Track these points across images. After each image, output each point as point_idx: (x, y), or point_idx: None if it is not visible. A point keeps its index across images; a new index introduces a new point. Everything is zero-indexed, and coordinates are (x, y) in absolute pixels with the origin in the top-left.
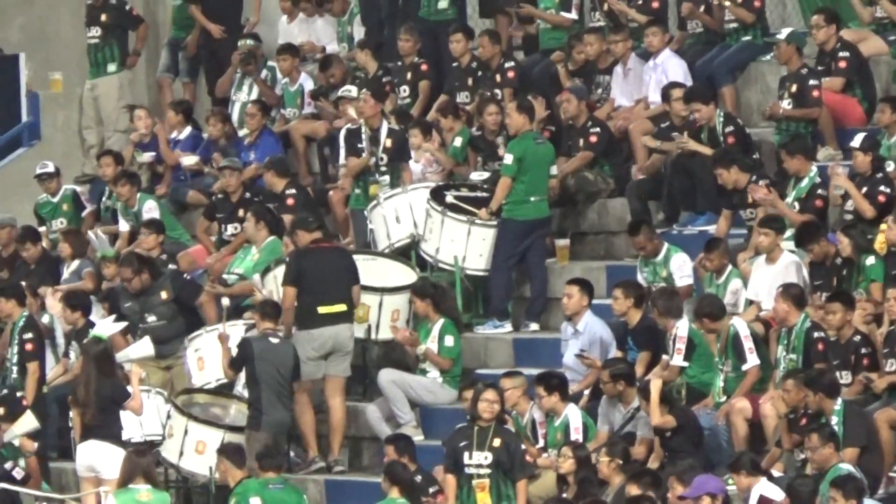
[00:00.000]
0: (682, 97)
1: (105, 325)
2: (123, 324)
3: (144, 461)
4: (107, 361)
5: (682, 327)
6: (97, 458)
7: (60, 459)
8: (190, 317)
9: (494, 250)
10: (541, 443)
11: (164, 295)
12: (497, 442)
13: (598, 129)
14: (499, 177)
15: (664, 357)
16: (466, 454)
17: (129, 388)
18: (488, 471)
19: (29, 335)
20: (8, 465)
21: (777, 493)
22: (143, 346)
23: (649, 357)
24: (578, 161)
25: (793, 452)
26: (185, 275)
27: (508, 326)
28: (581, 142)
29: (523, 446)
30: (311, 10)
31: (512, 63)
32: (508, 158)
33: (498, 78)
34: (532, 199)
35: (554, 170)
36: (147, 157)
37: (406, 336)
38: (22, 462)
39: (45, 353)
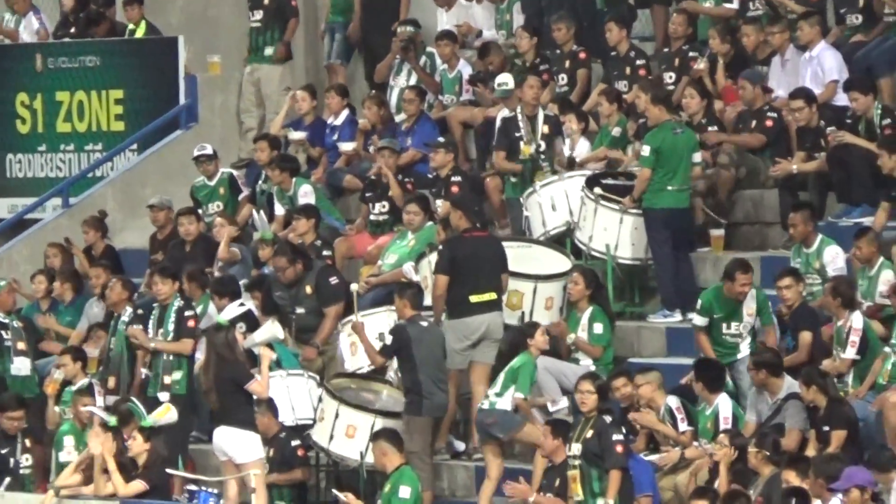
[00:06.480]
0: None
1: (227, 311)
2: (245, 308)
3: None
4: (228, 347)
5: (857, 320)
6: (227, 443)
7: (211, 442)
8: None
9: (648, 241)
10: (681, 427)
11: (308, 289)
12: (589, 433)
13: (775, 115)
14: None
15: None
16: (568, 445)
17: (257, 373)
18: (578, 462)
19: (190, 313)
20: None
21: None
22: (270, 329)
23: (811, 338)
24: (750, 139)
25: None
26: (331, 278)
27: (678, 316)
28: (754, 123)
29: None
30: None
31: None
32: (646, 150)
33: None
34: (669, 188)
35: (697, 157)
36: (298, 135)
37: (559, 328)
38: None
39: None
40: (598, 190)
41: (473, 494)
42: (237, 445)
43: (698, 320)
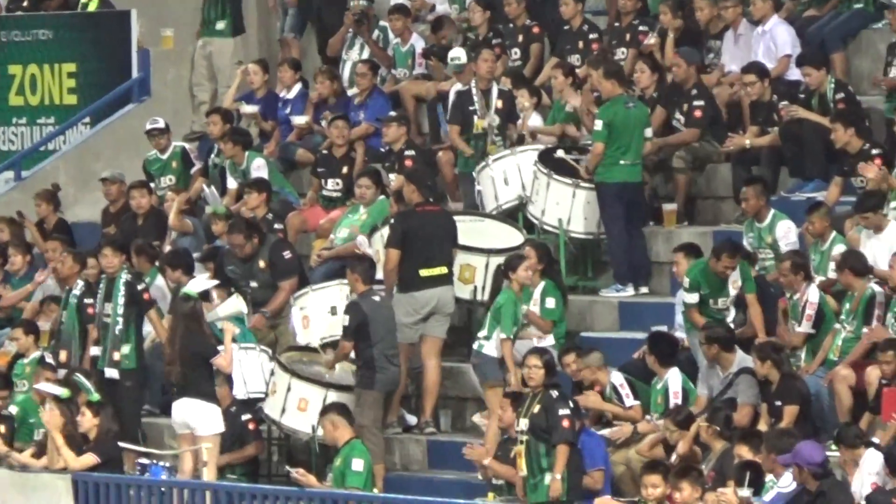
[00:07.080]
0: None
1: (195, 283)
2: (214, 281)
3: None
4: (195, 319)
5: (813, 294)
6: (190, 415)
7: (162, 416)
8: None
9: (601, 216)
10: (627, 403)
11: (261, 264)
12: (536, 408)
13: (702, 103)
14: None
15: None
16: (516, 421)
17: (221, 346)
18: (526, 437)
19: (142, 286)
20: None
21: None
22: (233, 304)
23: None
24: (685, 136)
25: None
26: (284, 252)
27: (630, 290)
28: (685, 107)
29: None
30: None
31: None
32: (598, 124)
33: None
34: (622, 162)
35: (648, 132)
36: (251, 109)
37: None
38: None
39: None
40: (560, 153)
41: (426, 469)
42: (200, 418)
43: (689, 298)
